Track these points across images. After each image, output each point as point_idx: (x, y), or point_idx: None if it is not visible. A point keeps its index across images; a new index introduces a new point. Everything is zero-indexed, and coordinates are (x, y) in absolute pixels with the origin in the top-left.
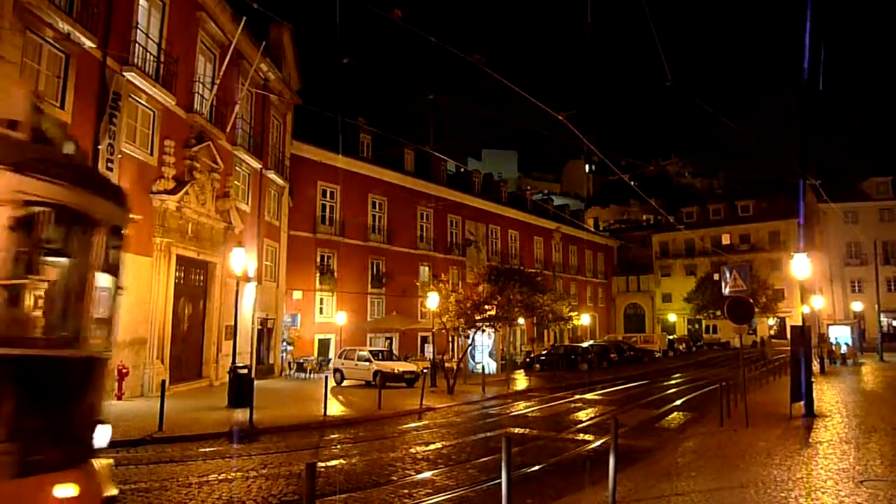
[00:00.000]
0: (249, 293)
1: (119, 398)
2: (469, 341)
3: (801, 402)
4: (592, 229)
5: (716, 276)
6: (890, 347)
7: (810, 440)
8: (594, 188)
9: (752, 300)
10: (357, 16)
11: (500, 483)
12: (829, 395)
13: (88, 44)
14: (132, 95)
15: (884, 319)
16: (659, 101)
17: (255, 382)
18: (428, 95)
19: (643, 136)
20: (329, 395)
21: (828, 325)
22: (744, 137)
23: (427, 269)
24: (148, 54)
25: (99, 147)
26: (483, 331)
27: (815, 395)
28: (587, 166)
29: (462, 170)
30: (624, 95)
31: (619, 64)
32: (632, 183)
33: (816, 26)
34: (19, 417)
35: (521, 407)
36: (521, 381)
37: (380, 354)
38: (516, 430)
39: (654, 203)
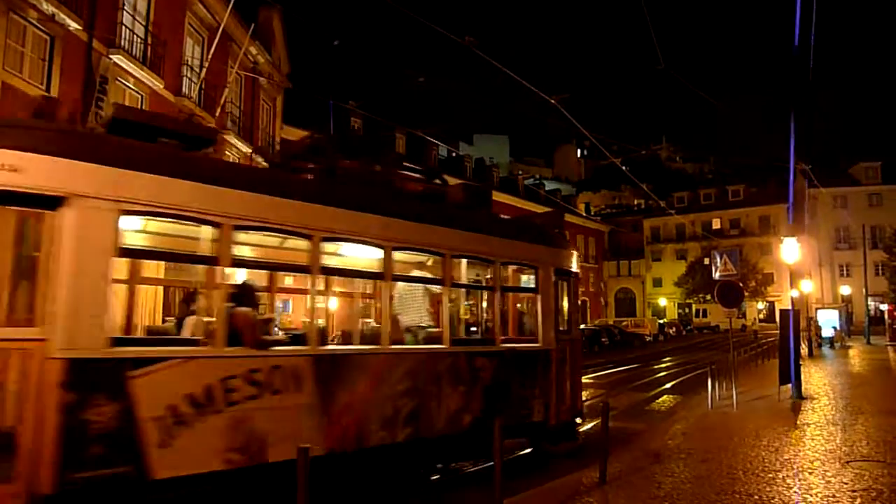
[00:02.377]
0: None
1: None
2: None
3: (790, 385)
4: (584, 214)
5: (706, 261)
6: (877, 331)
7: (798, 422)
8: (586, 173)
9: (741, 284)
10: None
11: (491, 466)
12: (816, 377)
13: (74, 26)
14: (119, 78)
15: (871, 303)
16: (650, 84)
17: None
18: (419, 78)
19: (635, 120)
20: None
21: (816, 308)
22: (735, 122)
23: None
24: (135, 36)
25: None
26: None
27: (802, 377)
28: (579, 151)
29: (454, 154)
30: (616, 79)
31: (611, 47)
32: (623, 167)
33: (807, 13)
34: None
35: None
36: None
37: None
38: None
39: (646, 188)
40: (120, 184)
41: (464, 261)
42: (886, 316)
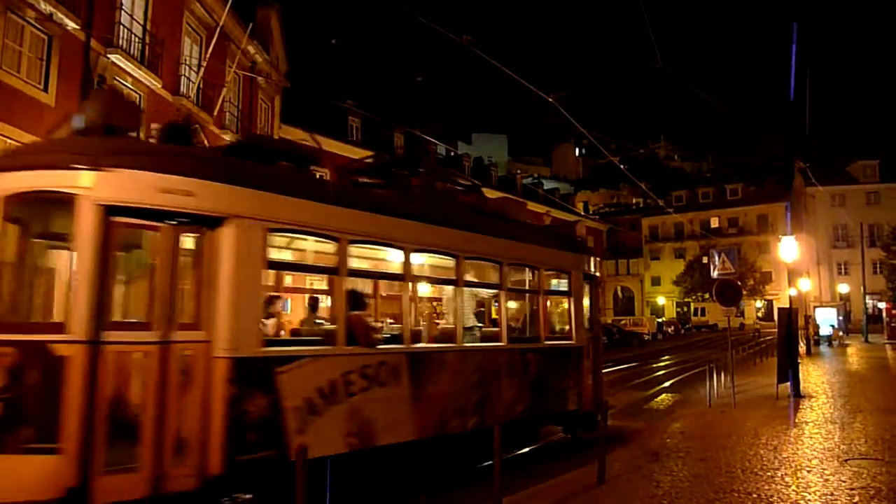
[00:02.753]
0: None
1: None
2: None
3: (788, 383)
4: (582, 213)
5: (704, 260)
6: (874, 329)
7: (796, 420)
8: (584, 172)
9: (740, 283)
10: None
11: (491, 466)
12: (814, 376)
13: (72, 25)
14: (117, 78)
15: (869, 301)
16: (649, 83)
17: None
18: (417, 77)
19: (633, 119)
20: None
21: (814, 307)
22: (733, 121)
23: None
24: (133, 36)
25: None
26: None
27: (801, 376)
28: (577, 150)
29: (452, 154)
30: (614, 78)
31: (610, 46)
32: (622, 166)
33: (805, 13)
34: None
35: None
36: None
37: None
38: None
39: (644, 186)
40: (266, 205)
41: (507, 267)
42: (884, 314)
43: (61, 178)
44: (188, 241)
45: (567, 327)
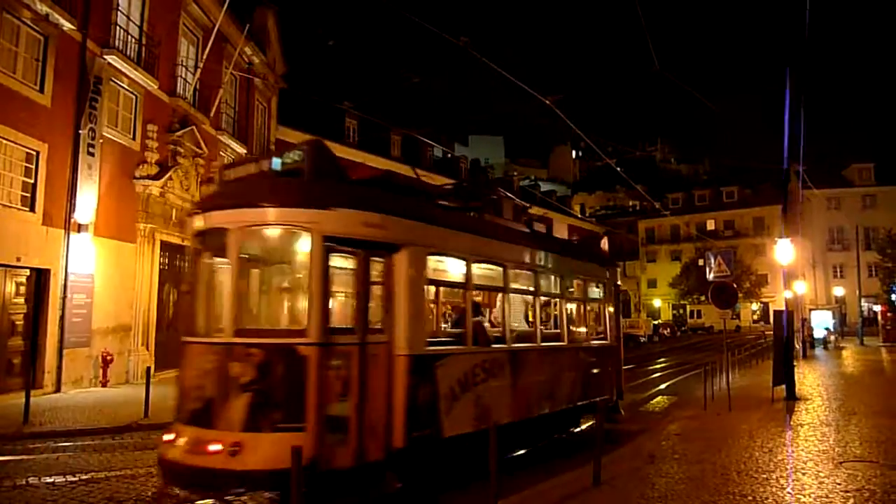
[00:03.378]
0: None
1: (104, 385)
2: None
3: (783, 386)
4: (579, 215)
5: (700, 262)
6: (870, 332)
7: (791, 423)
8: (581, 174)
9: (735, 285)
10: None
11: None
12: (810, 378)
13: (68, 26)
14: (113, 79)
15: (864, 304)
16: (645, 86)
17: None
18: (414, 79)
19: (630, 121)
20: None
21: (810, 309)
22: (730, 123)
23: None
24: (129, 37)
25: (80, 132)
26: None
27: (796, 378)
28: (574, 152)
29: (449, 155)
30: (611, 80)
31: (607, 48)
32: (618, 169)
33: (802, 15)
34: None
35: None
36: None
37: None
38: None
39: (641, 189)
40: (424, 233)
41: (564, 278)
42: (879, 317)
43: (295, 215)
44: (376, 264)
45: (603, 329)
